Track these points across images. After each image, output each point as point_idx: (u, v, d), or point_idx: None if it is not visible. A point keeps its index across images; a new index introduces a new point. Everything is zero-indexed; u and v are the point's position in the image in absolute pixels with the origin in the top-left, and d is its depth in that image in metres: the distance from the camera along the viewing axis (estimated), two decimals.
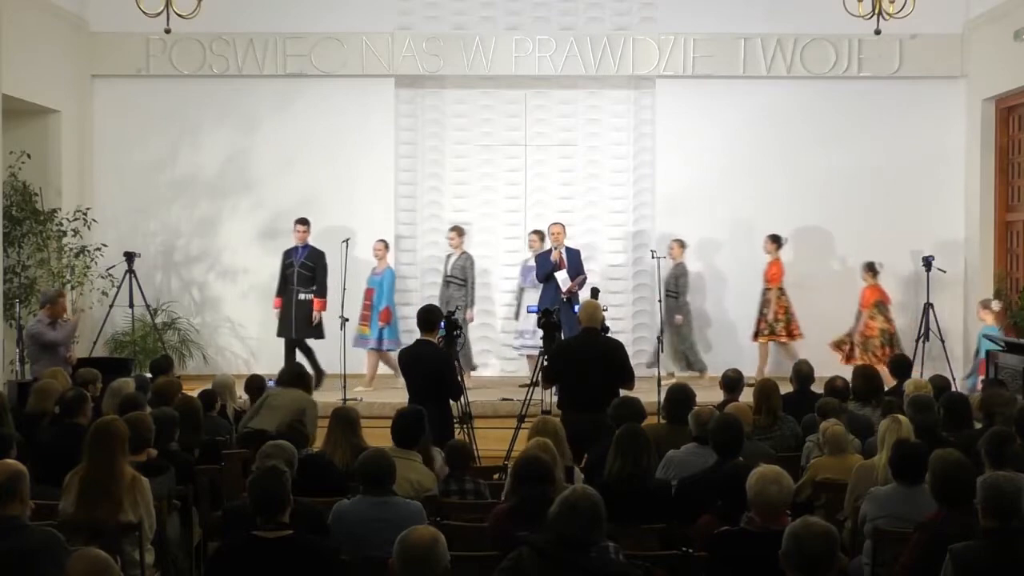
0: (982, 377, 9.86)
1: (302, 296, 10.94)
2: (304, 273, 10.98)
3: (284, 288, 11.06)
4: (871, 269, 11.33)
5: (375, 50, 12.24)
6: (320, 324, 10.97)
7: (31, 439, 6.28)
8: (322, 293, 10.98)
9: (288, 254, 11.14)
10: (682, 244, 11.64)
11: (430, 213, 12.65)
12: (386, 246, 11.28)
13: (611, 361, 7.27)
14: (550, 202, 12.57)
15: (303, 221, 11.15)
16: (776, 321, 11.46)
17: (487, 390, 10.90)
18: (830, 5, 9.45)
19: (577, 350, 7.42)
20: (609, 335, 7.70)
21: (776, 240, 11.62)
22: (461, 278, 11.23)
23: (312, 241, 11.15)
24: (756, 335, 11.57)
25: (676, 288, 11.48)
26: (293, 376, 7.70)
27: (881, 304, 11.34)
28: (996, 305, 10.75)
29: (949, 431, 6.25)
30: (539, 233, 11.36)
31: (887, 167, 12.22)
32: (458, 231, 11.48)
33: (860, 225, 12.17)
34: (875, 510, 5.09)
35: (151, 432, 5.65)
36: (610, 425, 7.12)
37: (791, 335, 11.47)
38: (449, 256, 11.44)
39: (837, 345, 11.37)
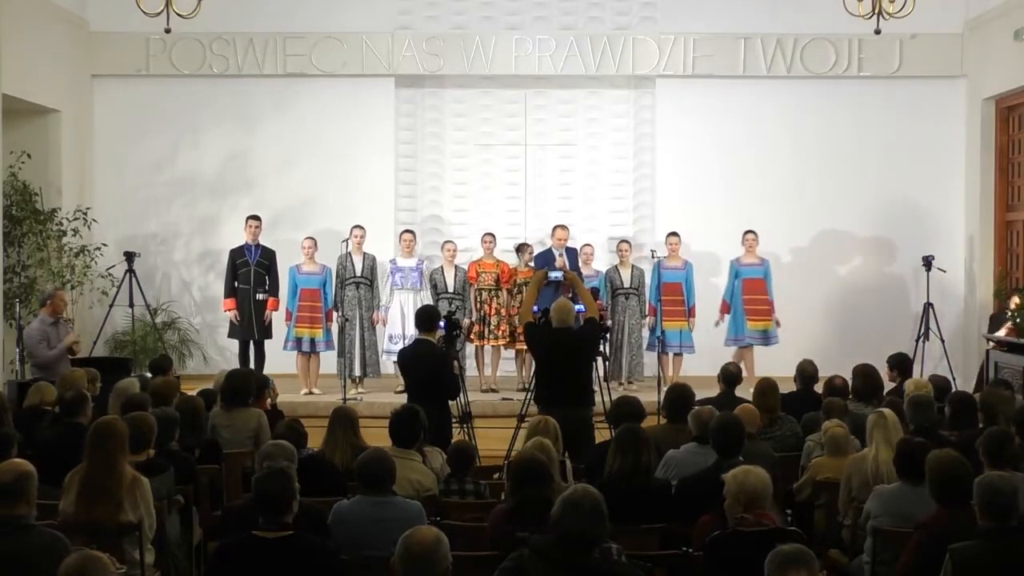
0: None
1: (259, 296, 10.71)
2: (260, 272, 10.75)
3: (236, 288, 10.71)
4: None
5: (375, 50, 12.23)
6: (271, 324, 10.84)
7: (30, 438, 6.28)
8: (275, 292, 10.82)
9: (240, 252, 10.79)
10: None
11: (430, 213, 12.65)
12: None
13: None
14: (550, 202, 12.58)
15: (257, 218, 10.94)
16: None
17: (487, 391, 10.88)
18: (830, 5, 9.45)
19: (551, 346, 7.40)
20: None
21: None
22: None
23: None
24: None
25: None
26: (237, 394, 6.97)
27: None
28: (752, 236, 11.06)
29: (953, 430, 6.26)
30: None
31: (887, 167, 12.21)
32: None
33: (860, 225, 12.18)
34: (879, 507, 5.08)
35: (152, 432, 5.63)
36: (590, 422, 7.20)
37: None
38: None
39: None
